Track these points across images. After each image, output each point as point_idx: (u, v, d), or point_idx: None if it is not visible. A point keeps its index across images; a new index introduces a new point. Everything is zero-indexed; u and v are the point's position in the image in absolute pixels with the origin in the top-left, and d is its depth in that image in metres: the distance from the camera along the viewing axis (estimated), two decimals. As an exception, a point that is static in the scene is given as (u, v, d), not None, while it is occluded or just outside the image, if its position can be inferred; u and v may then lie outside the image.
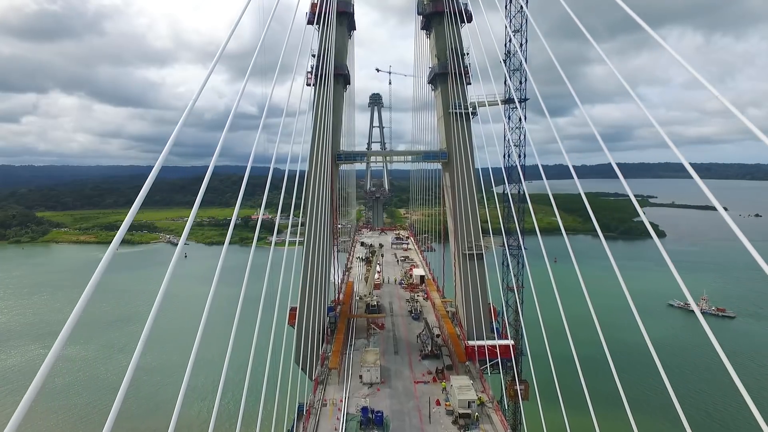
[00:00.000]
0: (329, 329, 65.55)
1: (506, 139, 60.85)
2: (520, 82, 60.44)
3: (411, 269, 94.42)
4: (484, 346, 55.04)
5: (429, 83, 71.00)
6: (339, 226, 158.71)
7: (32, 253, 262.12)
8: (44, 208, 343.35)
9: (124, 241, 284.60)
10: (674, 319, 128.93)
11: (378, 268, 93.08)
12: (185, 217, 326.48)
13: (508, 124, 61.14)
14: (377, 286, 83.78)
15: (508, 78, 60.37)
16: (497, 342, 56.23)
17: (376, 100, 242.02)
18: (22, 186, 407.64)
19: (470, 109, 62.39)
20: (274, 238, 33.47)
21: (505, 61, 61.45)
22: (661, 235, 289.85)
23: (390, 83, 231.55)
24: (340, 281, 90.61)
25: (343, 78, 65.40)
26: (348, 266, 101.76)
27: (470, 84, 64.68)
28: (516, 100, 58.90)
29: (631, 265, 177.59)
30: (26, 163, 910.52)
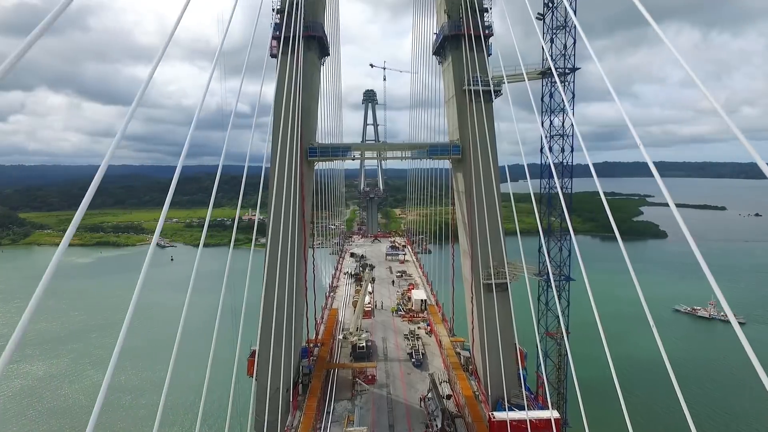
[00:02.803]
0: (302, 383, 46.80)
1: (550, 123, 42.08)
2: (565, 47, 41.54)
3: (410, 290, 75.32)
4: (522, 422, 36.33)
5: (435, 54, 51.87)
6: (332, 226, 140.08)
7: (11, 257, 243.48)
8: (29, 209, 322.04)
9: (110, 244, 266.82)
10: (683, 326, 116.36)
11: (369, 288, 74.22)
12: (175, 218, 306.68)
13: (548, 105, 42.24)
14: (367, 314, 64.80)
15: (541, 41, 41.34)
16: (537, 415, 37.55)
17: (370, 97, 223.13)
18: (10, 186, 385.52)
19: (492, 85, 43.54)
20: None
21: (542, 15, 42.59)
22: (662, 235, 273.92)
23: (384, 79, 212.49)
24: (324, 304, 71.58)
25: (317, 43, 46.12)
26: (334, 284, 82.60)
27: (491, 55, 45.96)
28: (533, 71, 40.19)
29: (633, 267, 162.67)
30: (16, 163, 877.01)
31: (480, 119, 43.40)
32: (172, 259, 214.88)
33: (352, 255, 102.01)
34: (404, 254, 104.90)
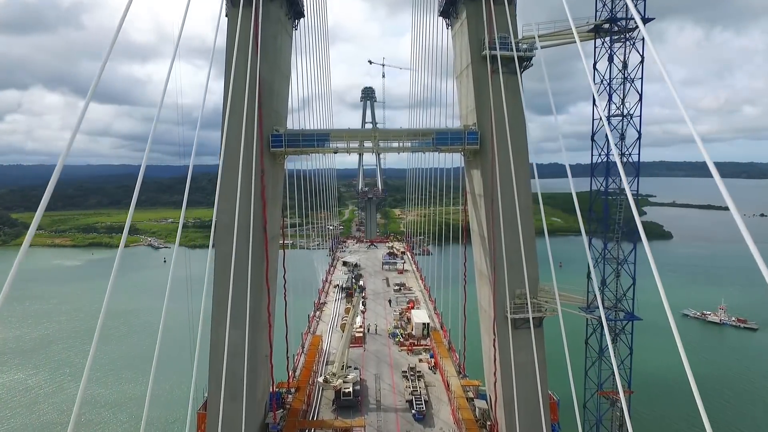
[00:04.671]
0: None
1: (609, 100, 29.54)
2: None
3: (409, 308, 62.54)
4: None
5: (441, 15, 39.03)
6: (331, 227, 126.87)
7: (1, 258, 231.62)
8: (23, 209, 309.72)
9: (102, 245, 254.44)
10: (693, 332, 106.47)
11: (362, 307, 61.83)
12: (170, 218, 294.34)
13: (604, 76, 29.65)
14: (357, 341, 52.30)
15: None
16: None
17: (368, 94, 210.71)
18: (6, 186, 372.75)
19: (524, 50, 30.95)
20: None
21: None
22: (667, 236, 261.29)
23: (383, 76, 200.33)
24: (307, 327, 59.07)
25: (285, -5, 33.40)
26: (321, 300, 69.77)
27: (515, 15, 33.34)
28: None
29: (640, 270, 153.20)
30: (14, 163, 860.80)
31: (509, 96, 30.83)
32: (165, 261, 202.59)
33: (345, 264, 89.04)
34: (403, 262, 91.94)
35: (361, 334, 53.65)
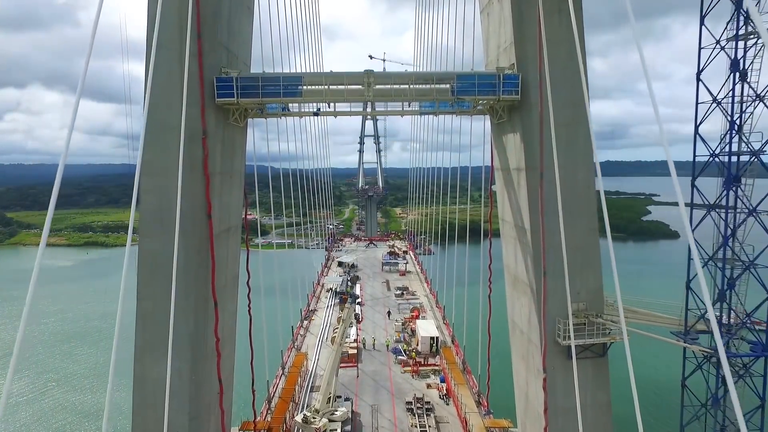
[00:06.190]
0: None
1: (729, 127, 19.28)
2: None
3: (414, 317, 51.99)
4: None
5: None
6: (331, 226, 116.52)
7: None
8: (20, 207, 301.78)
9: (98, 244, 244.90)
10: (703, 338, 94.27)
11: (358, 313, 51.36)
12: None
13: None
14: (351, 359, 41.80)
15: None
16: None
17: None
18: (5, 185, 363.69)
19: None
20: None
21: None
22: (673, 236, 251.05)
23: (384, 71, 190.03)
24: (292, 341, 48.48)
25: None
26: (310, 307, 59.02)
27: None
28: None
29: (647, 270, 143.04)
30: (15, 162, 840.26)
31: (564, 27, 20.47)
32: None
33: (340, 264, 78.37)
34: (405, 262, 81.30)
35: (355, 351, 43.18)
